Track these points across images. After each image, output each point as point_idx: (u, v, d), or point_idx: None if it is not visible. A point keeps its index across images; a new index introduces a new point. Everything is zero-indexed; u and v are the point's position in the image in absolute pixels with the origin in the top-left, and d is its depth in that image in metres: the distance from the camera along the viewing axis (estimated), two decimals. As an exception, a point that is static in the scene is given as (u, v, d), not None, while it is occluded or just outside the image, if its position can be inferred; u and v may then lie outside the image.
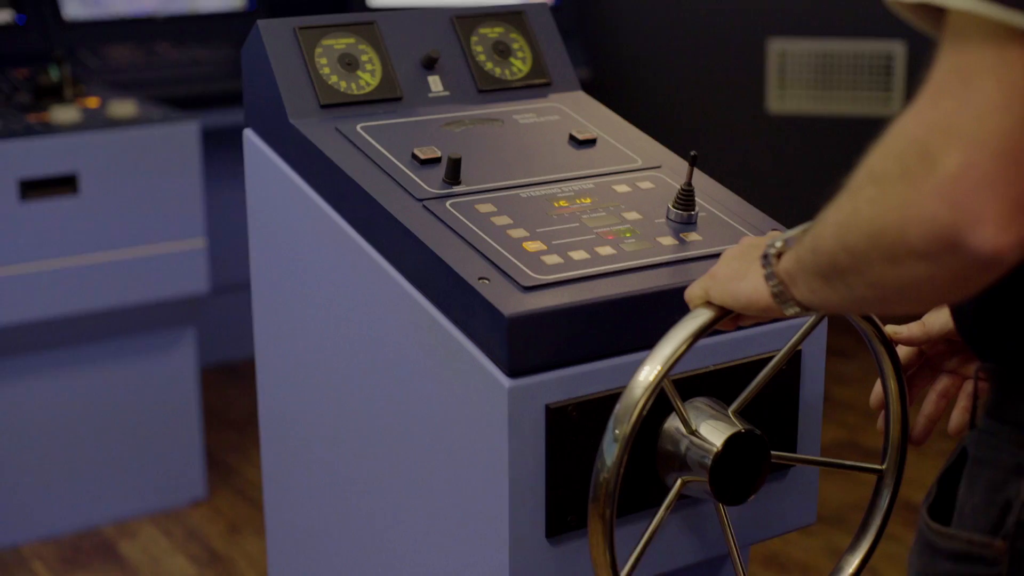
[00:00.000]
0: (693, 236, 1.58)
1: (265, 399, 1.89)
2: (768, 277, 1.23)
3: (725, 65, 4.70)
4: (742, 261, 1.30)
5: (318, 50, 1.76)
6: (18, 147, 3.06)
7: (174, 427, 3.42)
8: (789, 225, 1.39)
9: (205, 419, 3.82)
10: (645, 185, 1.68)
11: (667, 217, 1.60)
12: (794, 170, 4.70)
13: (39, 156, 3.08)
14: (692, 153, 1.56)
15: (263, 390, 1.89)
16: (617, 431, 1.32)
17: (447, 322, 1.48)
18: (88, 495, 3.34)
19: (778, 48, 4.61)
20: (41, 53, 3.75)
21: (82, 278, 3.15)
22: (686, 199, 1.59)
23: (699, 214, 1.61)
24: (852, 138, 4.57)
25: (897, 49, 4.52)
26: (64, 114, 3.16)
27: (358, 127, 1.70)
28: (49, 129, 3.12)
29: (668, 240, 1.57)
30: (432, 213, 1.55)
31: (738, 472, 1.43)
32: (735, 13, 4.66)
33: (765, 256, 1.24)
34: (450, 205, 1.57)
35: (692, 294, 1.35)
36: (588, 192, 1.65)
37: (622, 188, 1.66)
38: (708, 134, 4.72)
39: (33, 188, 3.08)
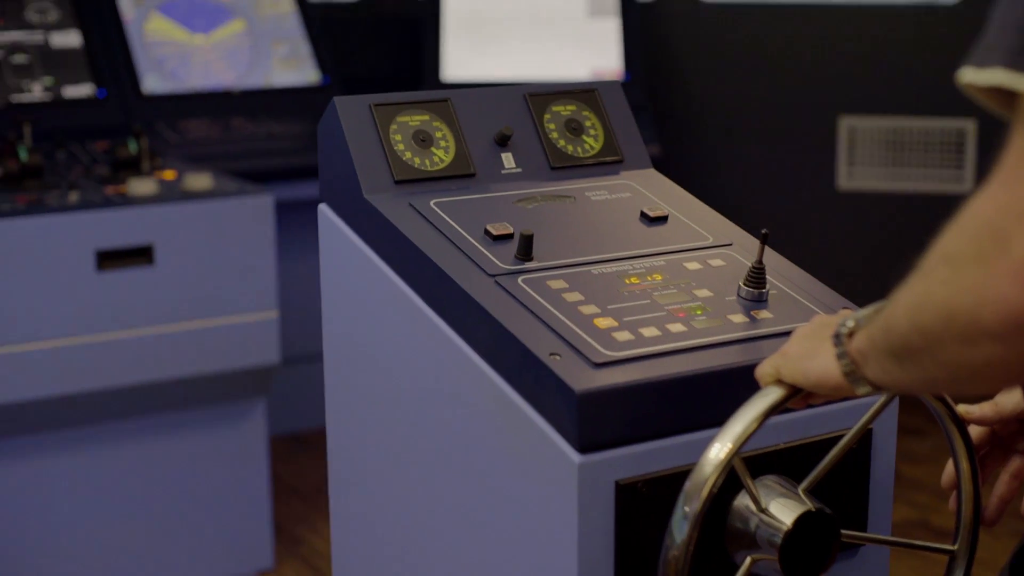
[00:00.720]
0: (764, 314, 1.58)
1: (335, 470, 1.90)
2: (840, 356, 1.23)
3: (795, 142, 4.71)
4: (813, 340, 1.30)
5: (393, 127, 1.79)
6: (96, 218, 3.11)
7: (243, 496, 3.44)
8: (861, 303, 1.39)
9: (273, 489, 3.84)
10: (716, 262, 1.68)
11: (738, 295, 1.61)
12: (865, 247, 4.69)
13: (116, 227, 3.13)
14: (763, 231, 1.56)
15: (333, 461, 1.91)
16: (687, 508, 1.32)
17: (517, 397, 1.49)
18: (156, 562, 3.36)
19: (848, 125, 4.62)
20: (120, 126, 3.83)
21: (156, 347, 3.19)
22: (757, 277, 1.60)
23: (770, 292, 1.61)
24: (924, 215, 4.56)
25: (968, 126, 4.51)
26: (141, 186, 3.22)
27: (431, 203, 1.72)
28: (126, 201, 3.17)
29: (739, 318, 1.57)
30: (504, 289, 1.57)
31: (808, 551, 1.43)
32: (805, 90, 4.67)
33: (837, 335, 1.24)
34: (522, 281, 1.58)
35: (763, 372, 1.35)
36: (659, 269, 1.65)
37: (693, 265, 1.67)
38: (778, 211, 4.72)
39: (110, 258, 3.13)
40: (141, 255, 3.16)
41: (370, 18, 4.92)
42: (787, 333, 1.50)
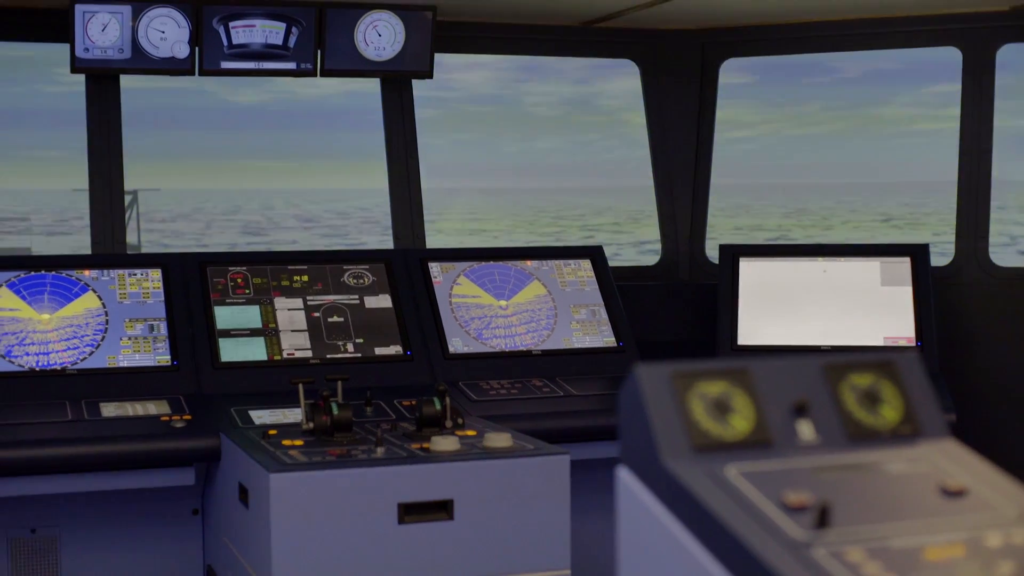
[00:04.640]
0: (1070, 593, 1.55)
1: None
2: None
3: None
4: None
5: (692, 394, 1.85)
6: (400, 473, 3.25)
7: None
8: None
9: None
10: (1019, 539, 1.67)
11: (1042, 572, 1.59)
12: None
13: (418, 482, 3.26)
14: (1067, 508, 1.55)
15: None
16: None
17: (815, 668, 1.50)
18: None
19: None
20: (426, 385, 4.01)
21: (452, 601, 3.27)
22: (1062, 555, 1.58)
23: (1076, 570, 1.59)
24: None
25: None
26: (444, 443, 3.35)
27: (729, 471, 1.77)
28: (429, 457, 3.30)
29: (1043, 596, 1.55)
30: (801, 560, 1.59)
31: None
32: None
33: None
34: (819, 552, 1.60)
35: (1069, 654, 1.33)
36: (959, 543, 1.65)
37: (995, 541, 1.66)
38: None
39: (411, 512, 3.25)
40: (441, 509, 3.27)
41: (665, 284, 5.06)
42: (1094, 614, 1.47)
